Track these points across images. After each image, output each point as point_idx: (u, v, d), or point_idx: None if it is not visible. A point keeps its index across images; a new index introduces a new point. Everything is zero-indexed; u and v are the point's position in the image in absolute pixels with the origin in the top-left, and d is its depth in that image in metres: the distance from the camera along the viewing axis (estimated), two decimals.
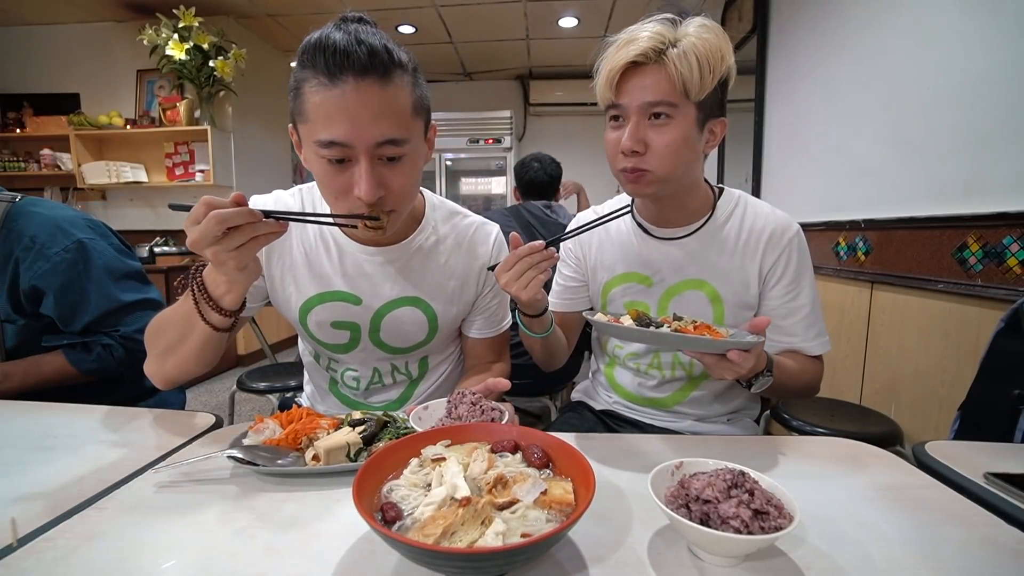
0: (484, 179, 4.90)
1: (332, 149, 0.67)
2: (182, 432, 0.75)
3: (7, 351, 0.98)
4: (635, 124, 0.79)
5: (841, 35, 1.93)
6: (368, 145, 0.68)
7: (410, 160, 0.73)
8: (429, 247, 0.90)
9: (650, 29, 0.77)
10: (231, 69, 3.29)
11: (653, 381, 0.97)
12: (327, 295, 0.87)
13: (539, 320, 0.85)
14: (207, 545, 0.49)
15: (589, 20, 3.62)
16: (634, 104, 0.78)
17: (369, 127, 0.67)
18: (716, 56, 0.76)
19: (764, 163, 2.56)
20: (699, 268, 0.90)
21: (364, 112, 0.66)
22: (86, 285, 0.96)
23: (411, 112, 0.71)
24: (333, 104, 0.66)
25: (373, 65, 0.65)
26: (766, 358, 0.73)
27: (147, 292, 1.10)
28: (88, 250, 0.98)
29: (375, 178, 0.69)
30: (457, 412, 0.68)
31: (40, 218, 0.97)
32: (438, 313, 0.92)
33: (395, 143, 0.69)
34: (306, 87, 0.67)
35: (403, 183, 0.73)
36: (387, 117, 0.68)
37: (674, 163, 0.80)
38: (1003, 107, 1.26)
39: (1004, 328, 0.99)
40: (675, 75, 0.75)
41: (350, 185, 0.70)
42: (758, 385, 0.73)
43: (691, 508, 0.47)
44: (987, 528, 0.53)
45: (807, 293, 0.89)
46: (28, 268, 0.94)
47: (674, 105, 0.77)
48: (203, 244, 0.60)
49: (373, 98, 0.66)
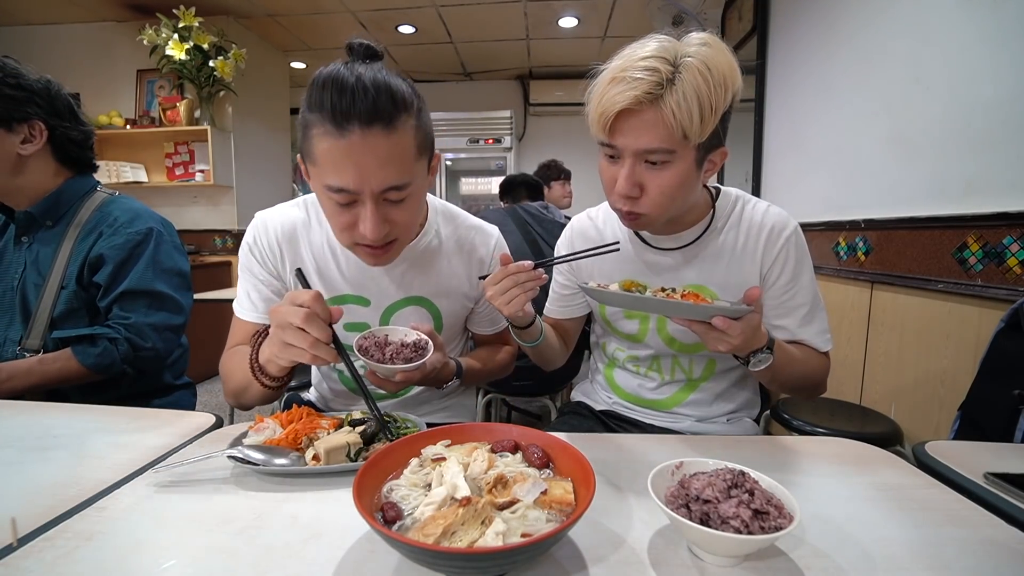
0: (484, 179, 4.91)
1: (340, 194, 0.70)
2: (182, 432, 0.75)
3: (53, 318, 1.06)
4: (630, 168, 0.75)
5: (841, 35, 1.93)
6: (373, 191, 0.70)
7: (413, 197, 0.75)
8: (432, 250, 0.93)
9: (646, 63, 0.70)
10: (231, 69, 3.29)
11: (653, 383, 0.97)
12: (338, 299, 0.90)
13: (527, 331, 0.88)
14: (207, 545, 0.49)
15: (589, 20, 3.62)
16: (629, 148, 0.74)
17: (375, 175, 0.69)
18: (719, 92, 0.70)
19: (764, 163, 2.56)
20: (698, 274, 0.90)
21: (370, 160, 0.68)
22: (137, 263, 1.09)
23: (415, 155, 0.73)
24: (340, 153, 0.67)
25: (378, 113, 0.67)
26: (766, 336, 0.71)
27: (179, 292, 1.15)
28: (153, 237, 1.12)
29: (379, 218, 0.72)
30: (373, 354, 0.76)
31: (127, 205, 1.14)
32: (442, 311, 0.95)
33: (399, 188, 0.72)
34: (314, 131, 0.69)
35: (406, 218, 0.76)
36: (392, 164, 0.70)
37: (670, 205, 0.78)
38: (1003, 107, 1.26)
39: (1004, 328, 0.99)
40: (673, 120, 0.70)
41: (356, 221, 0.73)
42: (756, 362, 0.72)
43: (691, 508, 0.47)
44: (987, 528, 0.53)
45: (806, 291, 0.88)
46: (104, 240, 1.08)
47: (671, 151, 0.73)
48: (275, 320, 0.68)
49: (379, 147, 0.68)
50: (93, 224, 1.09)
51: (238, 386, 0.82)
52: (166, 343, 1.11)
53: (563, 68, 4.58)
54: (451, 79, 4.95)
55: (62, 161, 1.10)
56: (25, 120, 1.02)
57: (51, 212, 1.09)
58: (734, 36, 2.83)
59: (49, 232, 1.09)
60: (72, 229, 1.09)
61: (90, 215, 1.10)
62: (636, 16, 3.43)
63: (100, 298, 1.08)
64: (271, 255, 0.89)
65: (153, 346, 1.08)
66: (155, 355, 1.09)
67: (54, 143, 1.07)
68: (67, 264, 1.07)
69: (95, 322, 1.09)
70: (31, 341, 1.05)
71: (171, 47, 3.13)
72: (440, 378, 0.87)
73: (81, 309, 1.08)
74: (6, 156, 1.02)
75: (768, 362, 0.73)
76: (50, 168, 1.09)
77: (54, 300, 1.06)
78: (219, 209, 3.74)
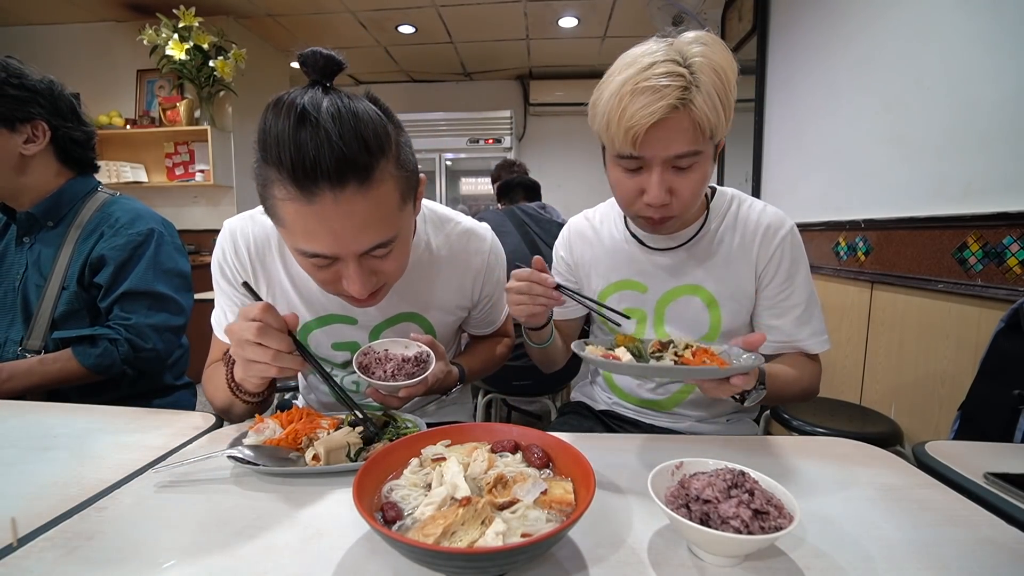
0: (484, 179, 4.90)
1: (316, 259, 0.63)
2: (182, 432, 0.75)
3: (54, 319, 1.06)
4: (660, 175, 0.74)
5: (841, 35, 1.93)
6: (355, 254, 0.63)
7: (400, 245, 0.68)
8: (423, 263, 0.87)
9: (665, 67, 0.68)
10: (231, 69, 3.29)
11: (651, 383, 0.97)
12: (324, 319, 0.87)
13: (537, 333, 0.88)
14: (207, 545, 0.49)
15: (589, 20, 3.62)
16: (659, 157, 0.73)
17: (354, 240, 0.61)
18: (730, 86, 0.72)
19: (764, 163, 2.56)
20: (694, 274, 0.90)
21: (347, 225, 0.59)
22: (138, 264, 1.09)
23: (399, 205, 0.64)
24: (311, 220, 0.58)
25: (350, 167, 0.56)
26: (758, 372, 0.71)
27: (180, 293, 1.14)
28: (154, 238, 1.12)
29: (365, 274, 0.65)
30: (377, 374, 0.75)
31: (128, 206, 1.14)
32: (435, 323, 0.92)
33: (384, 245, 0.64)
34: (276, 192, 0.58)
35: (394, 267, 0.70)
36: (372, 225, 0.61)
37: (696, 201, 0.80)
38: (1003, 107, 1.26)
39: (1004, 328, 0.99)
40: (704, 121, 0.70)
41: (338, 278, 0.66)
42: (751, 399, 0.72)
43: (691, 508, 0.47)
44: (987, 528, 0.53)
45: (801, 291, 0.88)
46: (105, 241, 1.08)
47: (699, 152, 0.73)
48: (233, 340, 0.64)
49: (355, 209, 0.58)
50: (94, 225, 1.09)
51: (223, 405, 0.79)
52: (166, 344, 1.11)
53: (563, 68, 4.58)
54: (451, 79, 4.95)
55: (64, 162, 1.10)
56: (28, 120, 1.02)
57: (52, 212, 1.09)
58: (734, 36, 2.83)
59: (50, 233, 1.09)
60: (73, 230, 1.09)
61: (91, 216, 1.10)
62: (636, 16, 3.42)
63: (101, 299, 1.08)
64: (242, 272, 0.83)
65: (153, 347, 1.08)
66: (155, 356, 1.09)
67: (57, 143, 1.07)
68: (68, 265, 1.07)
69: (96, 323, 1.09)
70: (32, 342, 1.05)
71: (171, 47, 3.12)
72: (444, 387, 0.85)
73: (82, 310, 1.08)
74: (9, 156, 1.02)
75: (762, 396, 0.73)
76: (52, 168, 1.09)
77: (55, 301, 1.06)
78: (219, 209, 3.74)
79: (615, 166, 0.79)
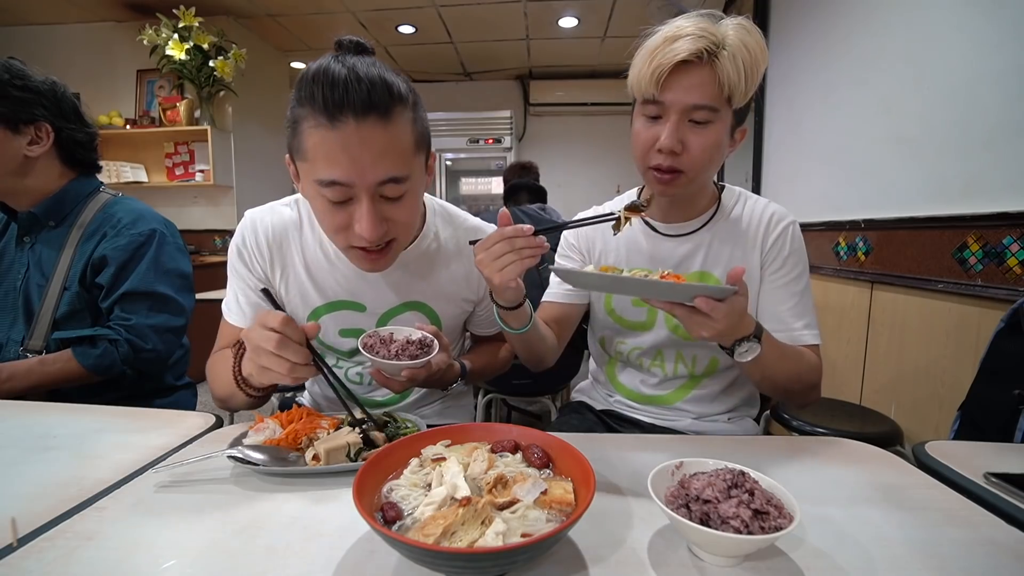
0: (484, 179, 4.90)
1: (333, 189, 0.67)
2: (182, 432, 0.75)
3: (56, 319, 1.06)
4: (675, 124, 0.77)
5: (841, 35, 1.93)
6: (370, 185, 0.67)
7: (411, 194, 0.73)
8: (431, 253, 0.91)
9: (696, 24, 0.75)
10: (231, 69, 3.29)
11: (655, 379, 0.98)
12: (333, 305, 0.89)
13: (515, 313, 0.80)
14: (207, 545, 0.49)
15: (589, 20, 3.62)
16: (678, 103, 0.77)
17: (371, 167, 0.66)
18: (760, 64, 0.76)
19: (764, 163, 2.56)
20: (705, 261, 0.91)
21: (366, 153, 0.65)
22: (139, 264, 1.09)
23: (413, 148, 0.70)
24: (334, 145, 0.64)
25: (374, 103, 0.64)
26: (753, 324, 0.69)
27: (181, 294, 1.14)
28: (156, 239, 1.12)
29: (376, 216, 0.69)
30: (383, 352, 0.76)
31: (130, 207, 1.14)
32: (441, 315, 0.93)
33: (397, 181, 0.69)
34: (305, 125, 0.66)
35: (404, 217, 0.74)
36: (389, 156, 0.67)
37: (707, 166, 0.81)
38: (1003, 107, 1.26)
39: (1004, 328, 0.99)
40: (724, 79, 0.74)
41: (350, 221, 0.70)
42: (742, 352, 0.69)
43: (691, 508, 0.47)
44: (987, 528, 0.53)
45: (798, 283, 0.89)
46: (107, 241, 1.08)
47: (716, 110, 0.77)
48: (249, 345, 0.65)
49: (375, 138, 0.65)
50: (96, 225, 1.10)
51: (224, 392, 0.81)
52: (167, 345, 1.11)
53: (563, 68, 4.58)
54: (451, 79, 4.95)
55: (67, 162, 1.10)
56: (32, 122, 1.02)
57: (54, 213, 1.09)
58: None
59: (52, 233, 1.09)
60: (75, 230, 1.09)
61: (93, 216, 1.10)
62: (636, 16, 3.42)
63: (102, 299, 1.08)
64: (260, 258, 0.87)
65: (154, 348, 1.08)
66: (156, 357, 1.09)
67: (60, 145, 1.07)
68: (70, 265, 1.07)
69: (98, 323, 1.09)
70: (34, 342, 1.05)
71: (171, 47, 3.13)
72: (445, 380, 0.86)
73: (84, 310, 1.08)
74: (12, 157, 1.01)
75: (756, 352, 0.69)
76: (55, 169, 1.09)
77: (57, 301, 1.06)
78: (219, 209, 3.74)
79: (638, 116, 0.83)
